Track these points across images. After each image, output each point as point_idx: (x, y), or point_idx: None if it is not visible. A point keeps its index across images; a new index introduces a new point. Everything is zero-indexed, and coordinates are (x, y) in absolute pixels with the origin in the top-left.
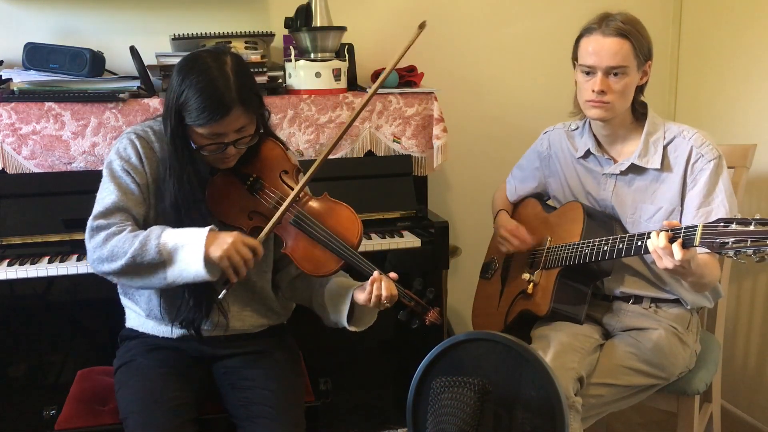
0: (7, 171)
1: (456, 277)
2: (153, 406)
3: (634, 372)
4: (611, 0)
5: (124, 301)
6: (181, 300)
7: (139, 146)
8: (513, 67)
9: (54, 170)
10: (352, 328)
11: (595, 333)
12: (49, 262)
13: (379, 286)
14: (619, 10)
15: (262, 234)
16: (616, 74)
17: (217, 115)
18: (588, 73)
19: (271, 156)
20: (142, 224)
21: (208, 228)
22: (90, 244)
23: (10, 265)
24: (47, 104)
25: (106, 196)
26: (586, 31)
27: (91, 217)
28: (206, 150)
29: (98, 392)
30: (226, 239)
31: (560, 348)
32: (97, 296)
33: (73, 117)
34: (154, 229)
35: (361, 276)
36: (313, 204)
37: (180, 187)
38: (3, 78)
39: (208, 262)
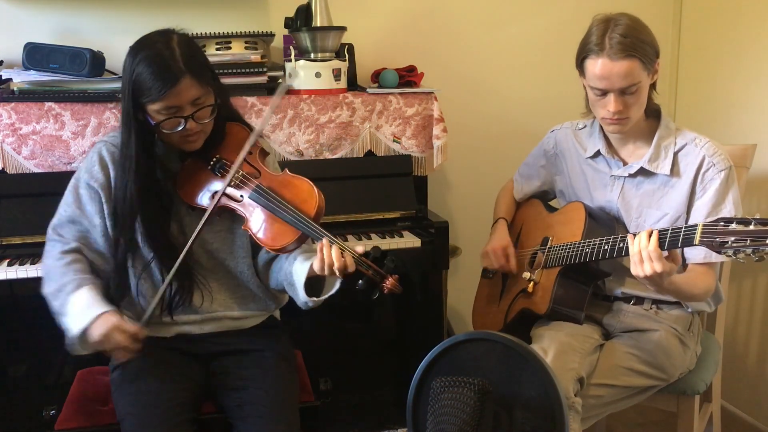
0: (7, 171)
1: (456, 277)
2: (149, 407)
3: (634, 373)
4: (612, 0)
5: None
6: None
7: (105, 154)
8: (513, 67)
9: (54, 170)
10: (313, 299)
11: (595, 333)
12: None
13: (329, 253)
14: (618, 13)
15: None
16: (629, 91)
17: (167, 85)
18: (599, 94)
19: (236, 138)
20: (103, 228)
21: (104, 310)
22: (45, 254)
23: (10, 265)
24: (47, 104)
25: (64, 207)
26: (590, 52)
27: (50, 225)
28: (166, 126)
29: (98, 392)
30: (105, 325)
31: (560, 348)
32: None
33: (73, 117)
34: (71, 283)
35: None
36: (272, 178)
37: (130, 172)
38: (3, 78)
39: (84, 339)
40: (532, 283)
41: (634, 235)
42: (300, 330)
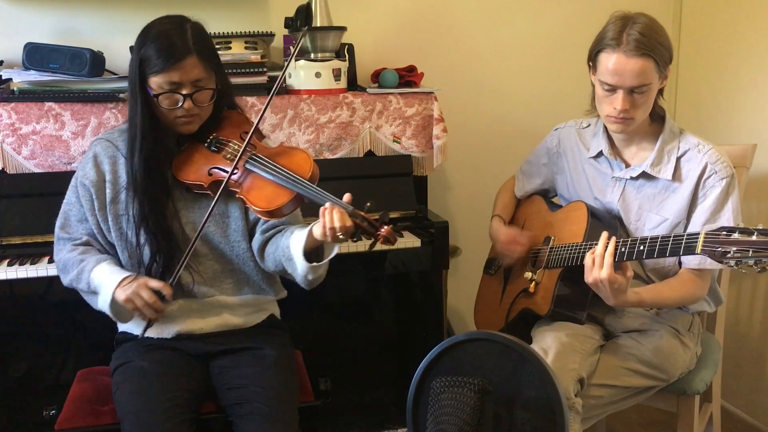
0: (7, 171)
1: (456, 277)
2: (149, 408)
3: (634, 373)
4: (612, 0)
5: None
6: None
7: (98, 150)
8: (513, 67)
9: (54, 170)
10: (313, 264)
11: (596, 334)
12: (49, 262)
13: (331, 218)
14: (637, 12)
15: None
16: (639, 91)
17: (171, 59)
18: (608, 89)
19: (233, 120)
20: (106, 217)
21: (126, 273)
22: (55, 253)
23: (10, 265)
24: (47, 104)
25: (69, 207)
26: (606, 46)
27: (57, 225)
28: (164, 102)
29: (98, 392)
30: (132, 284)
31: (561, 349)
32: None
33: (73, 117)
34: (90, 262)
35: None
36: (266, 149)
37: (136, 143)
38: (3, 78)
39: (115, 304)
40: (533, 283)
41: (641, 239)
42: (300, 330)
